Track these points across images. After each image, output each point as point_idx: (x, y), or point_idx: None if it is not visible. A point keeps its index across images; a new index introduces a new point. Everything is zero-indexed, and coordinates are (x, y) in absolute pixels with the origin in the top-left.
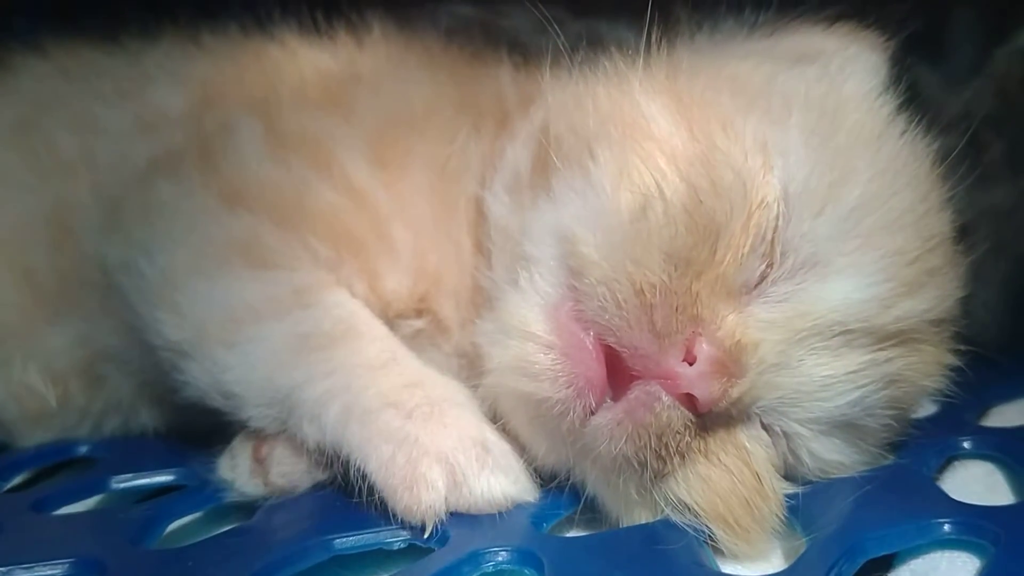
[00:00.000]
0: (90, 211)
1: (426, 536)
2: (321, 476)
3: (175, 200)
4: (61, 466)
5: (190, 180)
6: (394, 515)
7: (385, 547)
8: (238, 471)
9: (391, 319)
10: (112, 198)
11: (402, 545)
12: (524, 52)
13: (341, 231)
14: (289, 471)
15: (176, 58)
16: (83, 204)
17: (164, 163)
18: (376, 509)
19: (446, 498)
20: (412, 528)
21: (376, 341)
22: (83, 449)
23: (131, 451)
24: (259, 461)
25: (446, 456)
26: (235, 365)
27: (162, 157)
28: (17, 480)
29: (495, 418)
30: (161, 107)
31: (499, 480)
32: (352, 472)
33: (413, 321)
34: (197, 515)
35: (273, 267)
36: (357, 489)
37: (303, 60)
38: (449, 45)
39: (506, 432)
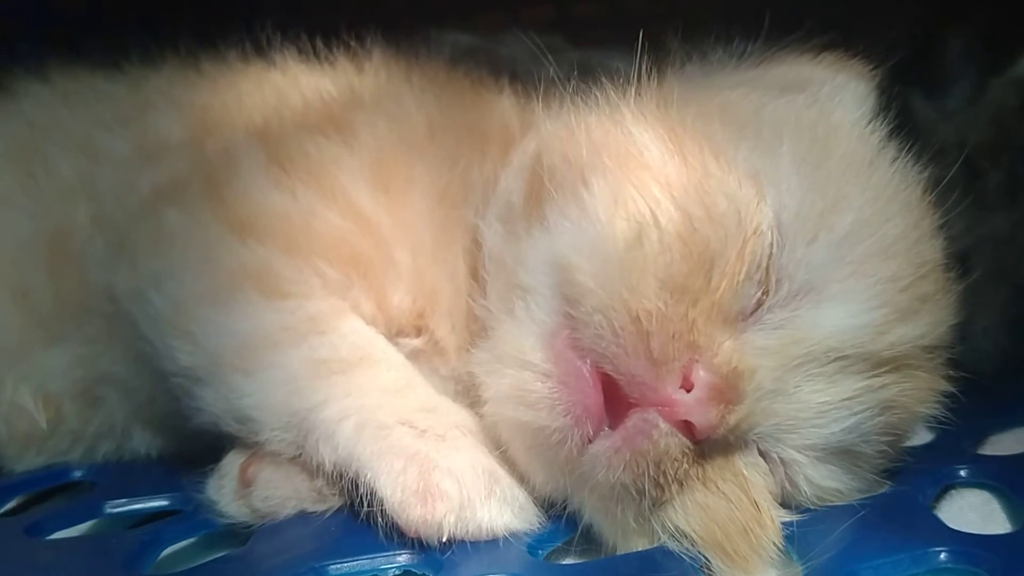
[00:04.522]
0: (92, 238)
1: (442, 543)
2: (309, 506)
3: (185, 230)
4: (55, 490)
5: (199, 210)
6: (403, 531)
7: (380, 573)
8: (223, 492)
9: (393, 337)
10: (116, 227)
11: (397, 571)
12: (524, 81)
13: (348, 254)
14: (271, 495)
15: (176, 85)
16: (83, 231)
17: (169, 191)
18: (383, 532)
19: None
20: (414, 548)
21: (392, 369)
22: (78, 473)
23: (126, 476)
24: (245, 484)
25: (457, 475)
26: (252, 391)
27: (167, 185)
28: (11, 504)
29: (496, 446)
30: (161, 134)
31: (503, 512)
32: (361, 489)
33: (412, 340)
34: (192, 540)
35: (287, 296)
36: (361, 509)
37: (304, 85)
38: (453, 70)
39: (506, 460)
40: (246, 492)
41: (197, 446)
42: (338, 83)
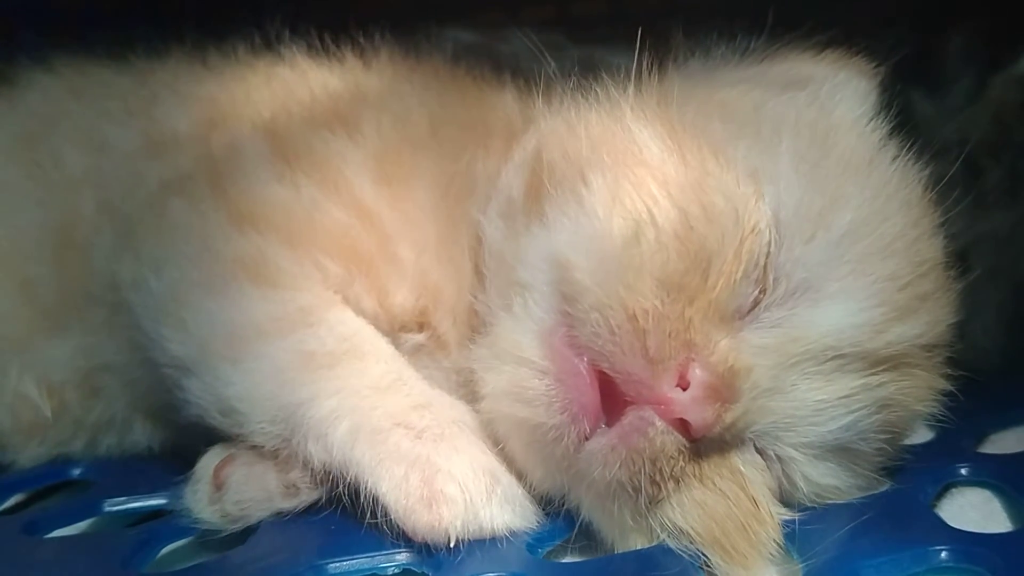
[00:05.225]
0: (99, 229)
1: (451, 547)
2: (283, 505)
3: (186, 219)
4: (54, 488)
5: (201, 200)
6: (409, 536)
7: (379, 572)
8: (197, 497)
9: (395, 332)
10: (123, 217)
11: (396, 570)
12: (526, 77)
13: (350, 249)
14: (243, 499)
15: (183, 78)
16: (90, 221)
17: (176, 184)
18: (390, 534)
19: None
20: (413, 546)
21: (381, 361)
22: (76, 471)
23: (125, 474)
24: (218, 487)
25: (459, 479)
26: (239, 381)
27: (174, 178)
28: (9, 503)
29: (494, 442)
30: (168, 127)
31: (505, 512)
32: (362, 495)
33: (415, 335)
34: (190, 539)
35: (279, 287)
36: (361, 511)
37: (312, 81)
38: (455, 67)
39: (503, 456)
40: (218, 496)
41: (196, 440)
42: (345, 80)
